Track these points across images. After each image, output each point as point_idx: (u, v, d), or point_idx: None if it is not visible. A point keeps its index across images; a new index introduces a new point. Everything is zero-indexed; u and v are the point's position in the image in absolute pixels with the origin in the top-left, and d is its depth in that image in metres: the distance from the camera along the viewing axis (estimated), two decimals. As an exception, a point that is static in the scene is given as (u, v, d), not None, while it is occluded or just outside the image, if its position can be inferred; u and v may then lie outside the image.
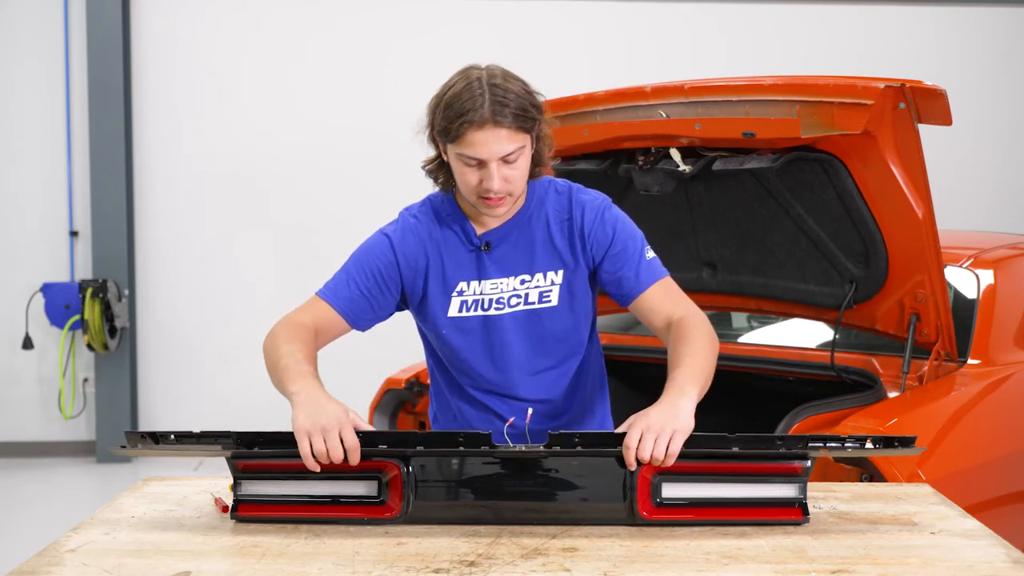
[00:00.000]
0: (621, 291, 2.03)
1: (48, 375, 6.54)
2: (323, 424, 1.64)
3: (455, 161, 1.91)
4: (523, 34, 6.58)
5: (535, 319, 2.04)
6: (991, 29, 6.76)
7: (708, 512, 1.67)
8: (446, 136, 1.88)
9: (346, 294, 2.04)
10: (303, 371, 1.81)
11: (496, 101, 1.83)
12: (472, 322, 2.03)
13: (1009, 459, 2.66)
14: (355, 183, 6.56)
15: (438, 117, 1.89)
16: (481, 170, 1.88)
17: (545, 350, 2.06)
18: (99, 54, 6.32)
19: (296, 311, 2.03)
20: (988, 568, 1.46)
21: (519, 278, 2.03)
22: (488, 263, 2.03)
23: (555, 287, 2.03)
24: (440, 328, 2.05)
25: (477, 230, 2.04)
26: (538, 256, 2.03)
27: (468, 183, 1.90)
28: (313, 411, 1.66)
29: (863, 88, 2.44)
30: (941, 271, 2.69)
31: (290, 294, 6.50)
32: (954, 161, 6.40)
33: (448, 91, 1.89)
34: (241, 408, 6.48)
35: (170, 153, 6.54)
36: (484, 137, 1.83)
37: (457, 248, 2.04)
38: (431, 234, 2.05)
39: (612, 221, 2.04)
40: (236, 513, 1.69)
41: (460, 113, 1.83)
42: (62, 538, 1.61)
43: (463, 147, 1.86)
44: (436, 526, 1.65)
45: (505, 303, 2.03)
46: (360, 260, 2.06)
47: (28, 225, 6.50)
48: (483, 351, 2.05)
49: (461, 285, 2.03)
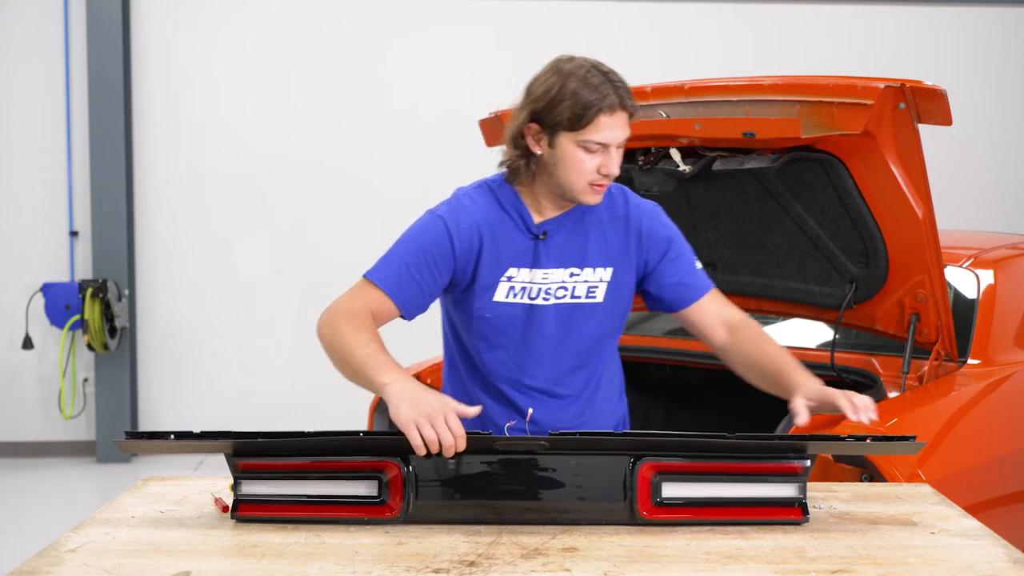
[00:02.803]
0: (678, 296, 2.08)
1: (48, 375, 6.54)
2: (428, 413, 1.64)
3: (573, 149, 1.91)
4: (523, 34, 6.58)
5: (577, 314, 2.05)
6: (991, 29, 6.76)
7: (708, 512, 1.67)
8: (573, 123, 1.89)
9: (397, 279, 1.99)
10: (387, 361, 1.80)
11: (616, 86, 1.89)
12: (515, 309, 2.03)
13: (1009, 459, 2.66)
14: (355, 183, 6.56)
15: (564, 106, 1.89)
16: (602, 156, 1.91)
17: (579, 346, 2.08)
18: (99, 54, 6.31)
19: (348, 297, 1.99)
20: (988, 568, 1.46)
21: (569, 271, 2.04)
22: (543, 252, 2.03)
23: (602, 284, 2.06)
24: (484, 312, 2.03)
25: (535, 219, 2.04)
26: (590, 251, 2.05)
27: (584, 170, 1.92)
28: (414, 401, 1.67)
29: (863, 88, 2.44)
30: (941, 271, 2.69)
31: (290, 294, 6.57)
32: (954, 161, 6.40)
33: (567, 81, 1.89)
34: (241, 408, 6.49)
35: (170, 153, 6.54)
36: (613, 122, 1.89)
37: (513, 233, 2.03)
38: (487, 217, 2.03)
39: (669, 227, 2.11)
40: (236, 513, 1.69)
41: (593, 100, 1.87)
42: (62, 538, 1.61)
43: (591, 133, 1.88)
44: (436, 526, 1.65)
45: (551, 295, 2.04)
46: (412, 243, 2.03)
47: (28, 225, 6.50)
48: (518, 340, 2.05)
49: (512, 271, 2.03)
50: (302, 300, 6.57)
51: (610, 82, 1.89)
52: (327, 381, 7.04)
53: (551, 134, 1.93)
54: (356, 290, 2.01)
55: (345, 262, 6.53)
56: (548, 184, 1.99)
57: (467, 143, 4.44)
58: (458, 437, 1.64)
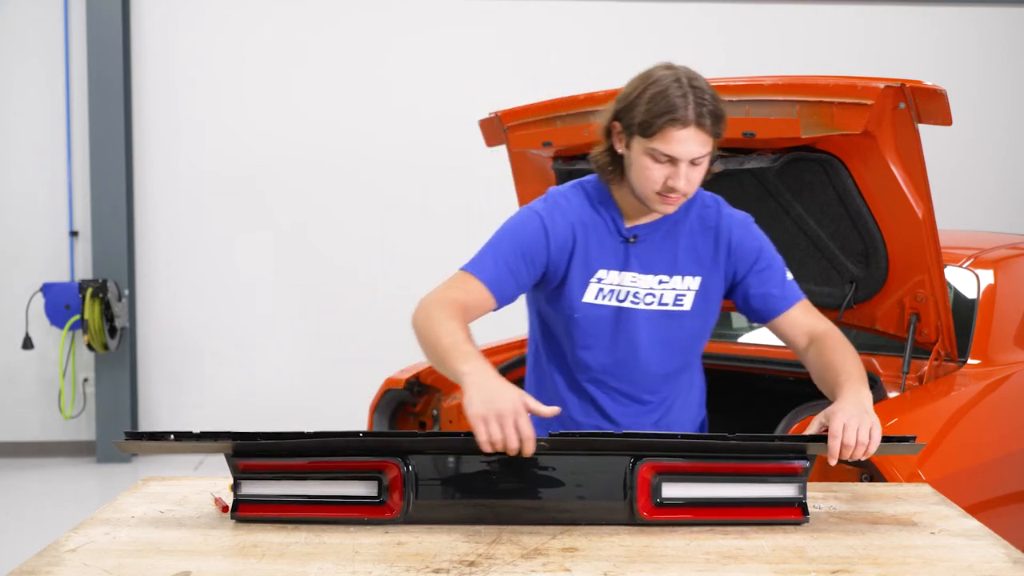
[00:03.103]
0: (766, 307, 2.08)
1: (48, 375, 6.54)
2: (499, 410, 1.62)
3: (642, 155, 1.91)
4: (523, 34, 6.58)
5: (665, 321, 2.06)
6: (991, 29, 6.76)
7: (708, 512, 1.67)
8: (643, 129, 1.88)
9: (494, 271, 1.99)
10: (470, 351, 1.78)
11: (699, 103, 1.85)
12: (605, 311, 2.04)
13: (1009, 459, 2.66)
14: (355, 183, 6.56)
15: (639, 110, 1.88)
16: (669, 168, 1.89)
17: (667, 353, 2.08)
18: (99, 54, 6.32)
19: (445, 287, 1.97)
20: (988, 568, 1.46)
21: (658, 278, 2.05)
22: (632, 256, 2.04)
23: (690, 293, 2.06)
24: (573, 312, 2.04)
25: (626, 222, 2.04)
26: (680, 259, 2.06)
27: (651, 178, 1.91)
28: (488, 396, 1.64)
29: (863, 88, 2.44)
30: (941, 271, 2.69)
31: (290, 294, 6.58)
32: (954, 161, 6.40)
33: (649, 86, 1.88)
34: (241, 408, 6.49)
35: (170, 153, 6.54)
36: (683, 136, 1.85)
37: (604, 235, 2.04)
38: (580, 217, 2.04)
39: (759, 238, 2.11)
40: (236, 513, 1.69)
41: (665, 110, 1.84)
42: (62, 538, 1.61)
43: (659, 143, 1.87)
44: (436, 526, 1.65)
45: (640, 299, 2.04)
46: (509, 237, 2.02)
47: (28, 225, 6.50)
48: (608, 343, 2.06)
49: (601, 272, 2.04)
50: (302, 300, 6.58)
51: (693, 98, 1.85)
52: (327, 381, 7.07)
53: (628, 135, 1.94)
54: (453, 281, 1.99)
55: (345, 262, 6.58)
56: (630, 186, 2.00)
57: (467, 143, 4.44)
58: (525, 440, 1.62)
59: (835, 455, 1.70)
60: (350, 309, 6.53)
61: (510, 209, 3.73)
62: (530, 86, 4.84)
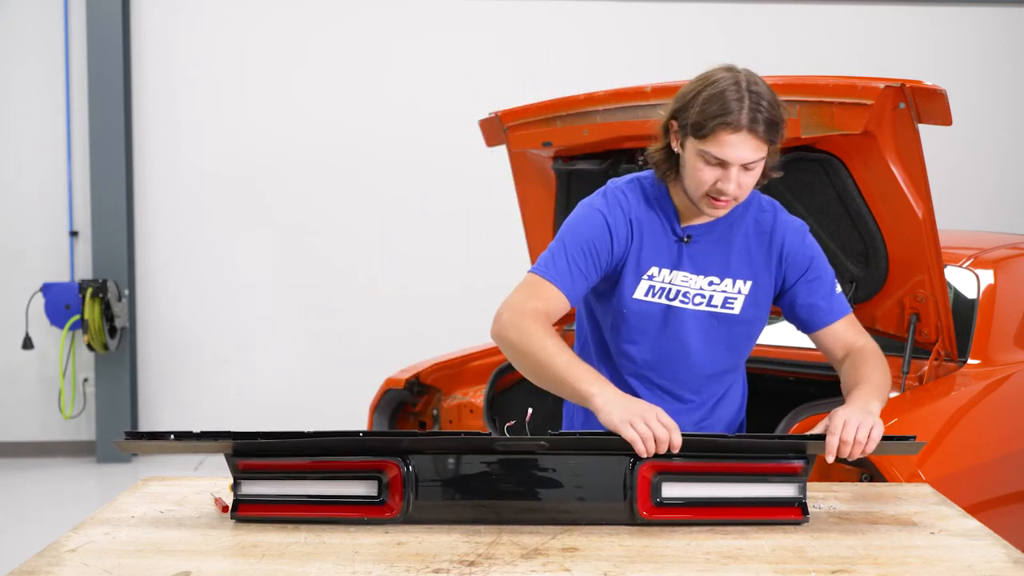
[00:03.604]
0: (810, 317, 2.09)
1: (48, 375, 6.54)
2: (640, 411, 1.69)
3: (694, 156, 1.91)
4: (523, 34, 6.58)
5: (713, 322, 2.07)
6: (991, 29, 6.76)
7: (708, 512, 1.67)
8: (696, 130, 1.88)
9: (568, 274, 2.00)
10: (590, 371, 1.84)
11: (754, 108, 1.85)
12: (654, 308, 2.05)
13: (1009, 459, 2.65)
14: (355, 183, 6.56)
15: (693, 110, 1.89)
16: (720, 171, 1.89)
17: (713, 354, 2.09)
18: (99, 54, 6.31)
19: (523, 297, 1.97)
20: (988, 568, 1.46)
21: (708, 279, 2.06)
22: (685, 256, 2.05)
23: (740, 296, 2.07)
24: (623, 307, 2.06)
25: (681, 222, 2.05)
26: (733, 262, 2.06)
27: (701, 180, 1.91)
28: (623, 403, 1.72)
29: (863, 88, 2.44)
30: (941, 271, 2.69)
31: (290, 294, 6.58)
32: (954, 161, 6.40)
33: (706, 88, 1.88)
34: (241, 408, 6.49)
35: (170, 153, 6.54)
36: (735, 140, 1.85)
37: (658, 233, 2.05)
38: (637, 213, 2.05)
39: (812, 247, 2.10)
40: (236, 513, 1.69)
41: (718, 112, 1.84)
42: (62, 538, 1.61)
43: (710, 145, 1.87)
44: (436, 526, 1.65)
45: (689, 299, 2.05)
46: (575, 237, 2.02)
47: (28, 225, 6.50)
48: (655, 340, 2.07)
49: (653, 270, 2.04)
50: (302, 300, 6.58)
51: (749, 102, 1.84)
52: (327, 381, 7.07)
53: (683, 135, 1.94)
54: (529, 288, 1.99)
55: (345, 262, 6.58)
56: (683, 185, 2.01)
57: (467, 143, 4.44)
58: (671, 429, 1.67)
59: (832, 451, 1.71)
60: (350, 309, 6.53)
61: (510, 209, 3.77)
62: (530, 86, 4.84)
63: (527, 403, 2.18)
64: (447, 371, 3.65)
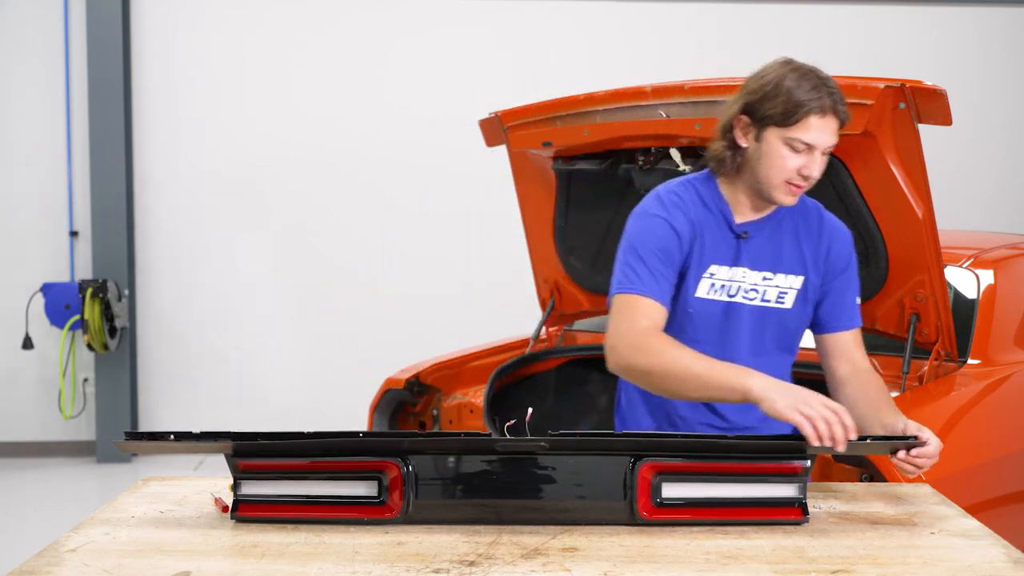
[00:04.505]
0: (828, 319, 2.13)
1: (48, 375, 6.54)
2: (804, 397, 1.73)
3: (777, 144, 1.95)
4: (523, 34, 6.58)
5: (766, 317, 2.10)
6: (991, 29, 6.76)
7: (708, 512, 1.67)
8: (784, 118, 1.92)
9: (655, 282, 2.02)
10: (731, 366, 1.88)
11: (833, 95, 1.93)
12: (715, 306, 2.08)
13: (1009, 459, 2.66)
14: (355, 183, 6.56)
15: (778, 100, 1.93)
16: (805, 156, 1.94)
17: (765, 349, 2.12)
18: (99, 54, 6.31)
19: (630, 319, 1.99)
20: (988, 568, 1.46)
21: (762, 274, 2.09)
22: (743, 252, 2.07)
23: (792, 291, 2.10)
24: (686, 306, 2.07)
25: (735, 218, 2.07)
26: (785, 257, 2.09)
27: (785, 166, 1.95)
28: (784, 392, 1.76)
29: (863, 88, 2.44)
30: (941, 271, 2.69)
31: (290, 294, 6.58)
32: (954, 161, 6.40)
33: (785, 77, 1.94)
34: (241, 408, 6.49)
35: (170, 153, 6.54)
36: (823, 125, 1.92)
37: (716, 231, 2.07)
38: (695, 213, 2.07)
39: (852, 255, 2.16)
40: (236, 513, 1.69)
41: (806, 99, 1.90)
42: (62, 538, 1.61)
43: (799, 131, 1.92)
44: (436, 526, 1.65)
45: (746, 295, 2.08)
46: (648, 246, 2.04)
47: (28, 225, 6.50)
48: (715, 336, 2.09)
49: (713, 268, 2.07)
50: (302, 300, 6.58)
51: (826, 87, 1.92)
52: (327, 381, 7.06)
53: (760, 127, 1.97)
54: (628, 310, 2.01)
55: (345, 262, 6.59)
56: (748, 180, 2.04)
57: (467, 143, 4.44)
58: (840, 412, 1.69)
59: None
60: (350, 309, 6.53)
61: (510, 209, 3.76)
62: (530, 86, 4.84)
63: (527, 403, 2.19)
64: (447, 371, 3.65)
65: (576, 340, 3.78)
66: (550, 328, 3.80)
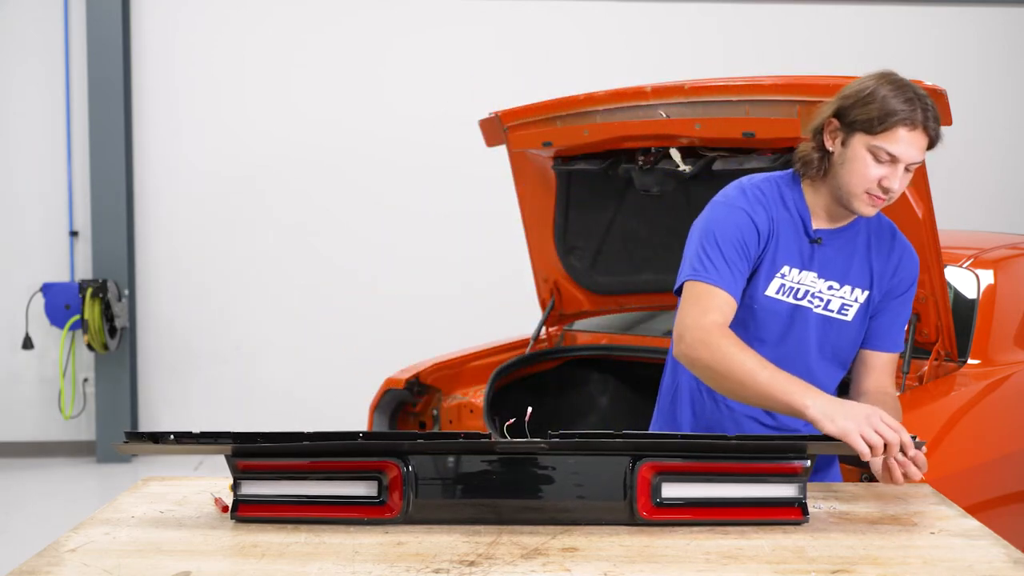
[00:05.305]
0: (874, 336, 2.13)
1: (48, 375, 6.54)
2: (864, 417, 1.73)
3: (863, 151, 1.94)
4: (523, 34, 6.58)
5: (828, 327, 2.09)
6: (991, 29, 6.76)
7: (708, 512, 1.67)
8: (874, 125, 1.92)
9: (729, 274, 2.01)
10: (795, 382, 1.86)
11: (927, 111, 1.93)
12: (782, 307, 2.07)
13: (1009, 459, 2.66)
14: (355, 183, 6.56)
15: (872, 107, 1.92)
16: (887, 168, 1.93)
17: (825, 359, 2.12)
18: (99, 54, 6.32)
19: (700, 310, 1.98)
20: (988, 568, 1.46)
21: (828, 283, 2.08)
22: (816, 257, 2.07)
23: (855, 305, 2.10)
24: (753, 303, 2.07)
25: (813, 223, 2.08)
26: (853, 270, 2.09)
27: (867, 175, 1.94)
28: (844, 412, 1.75)
29: (863, 88, 2.43)
30: (941, 271, 2.69)
31: (290, 294, 6.57)
32: (954, 161, 6.40)
33: (882, 85, 1.94)
34: (241, 408, 6.50)
35: (170, 153, 6.54)
36: (911, 138, 1.91)
37: (792, 232, 2.07)
38: (775, 211, 2.07)
39: (915, 281, 2.16)
40: (236, 513, 1.69)
41: (898, 109, 1.90)
42: (62, 538, 1.61)
43: (886, 141, 1.91)
44: (436, 526, 1.64)
45: (812, 301, 2.08)
46: (725, 235, 2.03)
47: (28, 225, 6.50)
48: (778, 337, 2.09)
49: (785, 268, 2.07)
50: (302, 300, 6.58)
51: (920, 103, 1.92)
52: (327, 381, 7.06)
53: (848, 132, 1.97)
54: (699, 299, 1.99)
55: (345, 262, 6.59)
56: (831, 186, 2.03)
57: (467, 143, 4.44)
58: (899, 430, 1.72)
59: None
60: (350, 309, 6.53)
61: (510, 209, 3.77)
62: (530, 86, 4.84)
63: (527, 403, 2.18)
64: (447, 371, 3.65)
65: (576, 340, 3.78)
66: (550, 328, 3.80)
